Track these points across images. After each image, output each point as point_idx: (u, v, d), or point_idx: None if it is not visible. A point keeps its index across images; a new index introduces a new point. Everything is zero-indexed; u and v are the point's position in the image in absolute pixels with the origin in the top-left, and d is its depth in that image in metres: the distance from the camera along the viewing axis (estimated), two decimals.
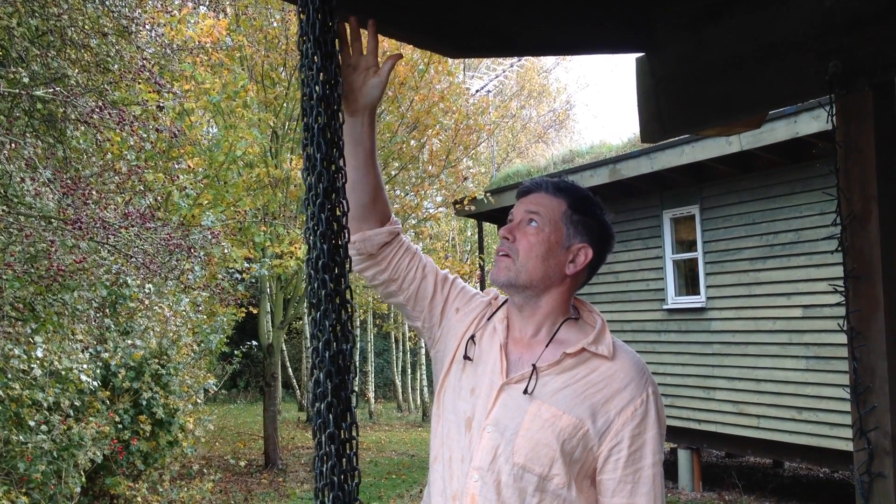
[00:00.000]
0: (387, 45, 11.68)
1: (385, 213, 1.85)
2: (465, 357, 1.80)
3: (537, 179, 1.84)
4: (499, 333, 1.80)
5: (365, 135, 1.76)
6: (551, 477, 1.67)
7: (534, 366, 1.72)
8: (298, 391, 21.37)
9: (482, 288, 14.42)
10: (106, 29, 6.26)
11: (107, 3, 6.43)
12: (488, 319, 1.85)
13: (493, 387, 1.73)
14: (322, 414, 1.35)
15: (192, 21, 8.85)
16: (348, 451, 1.39)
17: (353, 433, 1.39)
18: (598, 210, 1.83)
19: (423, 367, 20.68)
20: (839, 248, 2.08)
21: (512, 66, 23.03)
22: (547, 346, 1.76)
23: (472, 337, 1.82)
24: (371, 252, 1.84)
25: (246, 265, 10.00)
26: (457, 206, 13.05)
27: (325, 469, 1.35)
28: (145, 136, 6.71)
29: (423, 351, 20.92)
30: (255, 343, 12.28)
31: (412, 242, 1.92)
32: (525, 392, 1.70)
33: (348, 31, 1.77)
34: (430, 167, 13.65)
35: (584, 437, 1.68)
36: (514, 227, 1.79)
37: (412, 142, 13.07)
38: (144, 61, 6.66)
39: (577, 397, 1.69)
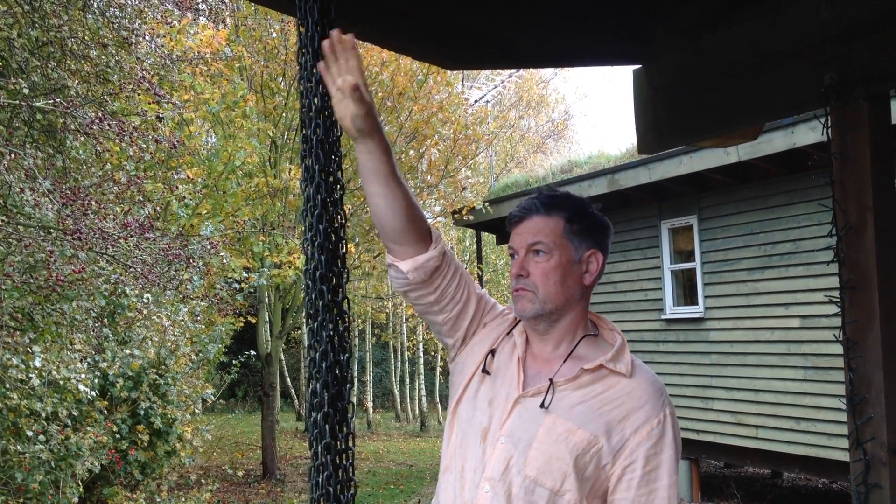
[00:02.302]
0: (385, 55, 11.73)
1: (425, 229, 1.75)
2: (484, 371, 1.79)
3: (525, 204, 1.79)
4: (518, 347, 1.79)
5: (375, 159, 1.65)
6: (563, 493, 1.66)
7: (550, 380, 1.72)
8: (297, 401, 21.32)
9: None
10: (106, 40, 6.28)
11: (107, 14, 6.46)
12: (508, 334, 1.84)
13: (508, 399, 1.73)
14: (318, 424, 1.36)
15: (192, 32, 8.88)
16: (344, 462, 1.39)
17: (350, 444, 1.40)
18: (590, 209, 1.81)
19: (422, 377, 20.64)
20: (835, 259, 2.08)
21: (510, 76, 23.10)
22: (565, 360, 1.75)
23: (493, 350, 1.81)
24: (424, 279, 1.76)
25: (244, 275, 10.00)
26: (455, 215, 13.06)
27: (321, 479, 1.36)
28: (144, 146, 6.71)
29: (421, 360, 20.89)
30: (253, 353, 12.27)
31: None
32: (542, 406, 1.69)
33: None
34: (429, 177, 13.66)
35: (598, 453, 1.67)
36: (522, 261, 1.75)
37: (411, 152, 13.09)
38: (144, 72, 6.68)
39: (593, 413, 1.69)
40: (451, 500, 1.75)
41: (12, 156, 5.38)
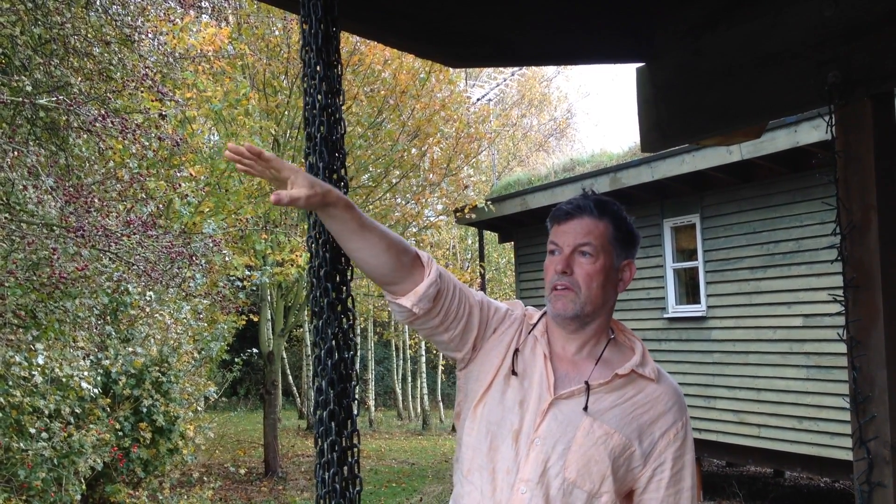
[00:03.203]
0: (388, 53, 11.73)
1: (413, 257, 1.70)
2: (513, 372, 1.77)
3: (578, 203, 1.78)
4: (542, 347, 1.80)
5: (339, 221, 1.59)
6: (600, 494, 1.69)
7: (587, 383, 1.74)
8: (299, 399, 21.34)
9: None
10: (109, 37, 6.29)
11: (110, 11, 6.46)
12: (528, 333, 1.84)
13: (541, 401, 1.73)
14: (324, 422, 1.36)
15: (195, 30, 8.87)
16: (350, 459, 1.39)
17: (355, 440, 1.40)
18: (630, 220, 1.83)
19: (424, 376, 20.64)
20: (839, 258, 2.08)
21: (513, 74, 23.09)
22: (596, 363, 1.78)
23: (517, 350, 1.80)
24: (429, 307, 1.71)
25: (247, 273, 10.01)
26: (457, 214, 13.06)
27: (327, 476, 1.36)
28: (147, 144, 6.72)
29: (423, 359, 20.89)
30: (255, 351, 12.27)
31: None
32: (585, 409, 1.72)
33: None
34: (431, 175, 13.66)
35: (631, 457, 1.72)
36: (568, 258, 1.75)
37: (413, 150, 13.08)
38: (147, 70, 6.68)
39: (626, 417, 1.73)
40: (480, 502, 1.74)
41: (15, 153, 5.39)
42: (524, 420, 1.73)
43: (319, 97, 1.51)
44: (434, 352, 23.16)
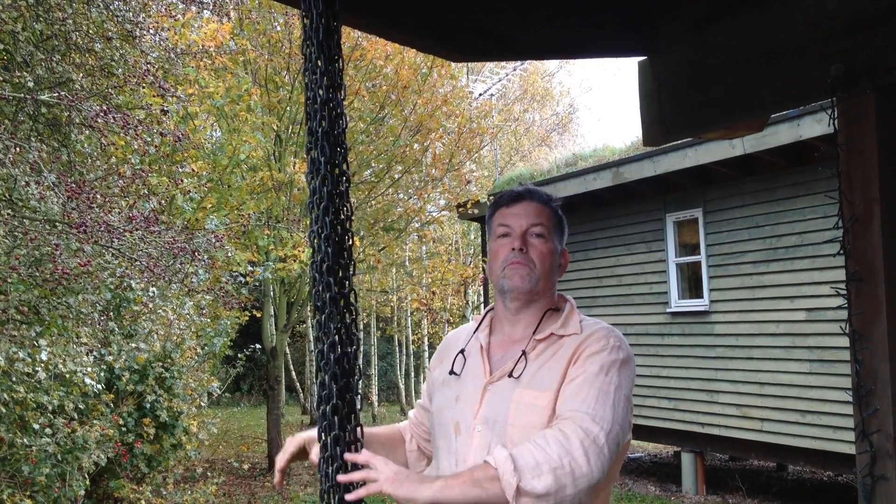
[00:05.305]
0: (390, 48, 11.71)
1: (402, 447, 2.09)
2: (451, 372, 1.87)
3: (527, 187, 1.89)
4: (481, 341, 1.87)
5: None
6: None
7: (524, 351, 1.78)
8: (302, 394, 21.36)
9: (486, 291, 14.42)
10: (110, 33, 6.28)
11: (111, 7, 6.45)
12: (473, 334, 1.93)
13: (477, 388, 1.80)
14: (328, 416, 1.36)
15: (196, 25, 8.87)
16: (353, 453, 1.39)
17: (359, 435, 1.40)
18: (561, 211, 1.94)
19: (427, 371, 20.65)
20: (841, 251, 2.08)
21: (515, 69, 23.03)
22: (529, 341, 1.82)
23: (462, 351, 1.89)
24: (426, 439, 2.05)
25: (249, 268, 10.02)
26: (460, 209, 13.05)
27: (331, 471, 1.36)
28: (149, 139, 6.71)
29: (426, 354, 20.90)
30: (258, 346, 12.28)
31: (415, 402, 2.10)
32: (510, 376, 1.76)
33: None
34: (434, 170, 13.64)
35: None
36: (522, 237, 1.82)
37: (415, 145, 13.07)
38: (148, 65, 6.68)
39: (552, 373, 1.75)
40: None
41: (17, 149, 5.39)
42: (462, 412, 1.80)
43: (321, 92, 1.51)
44: (437, 346, 23.14)
